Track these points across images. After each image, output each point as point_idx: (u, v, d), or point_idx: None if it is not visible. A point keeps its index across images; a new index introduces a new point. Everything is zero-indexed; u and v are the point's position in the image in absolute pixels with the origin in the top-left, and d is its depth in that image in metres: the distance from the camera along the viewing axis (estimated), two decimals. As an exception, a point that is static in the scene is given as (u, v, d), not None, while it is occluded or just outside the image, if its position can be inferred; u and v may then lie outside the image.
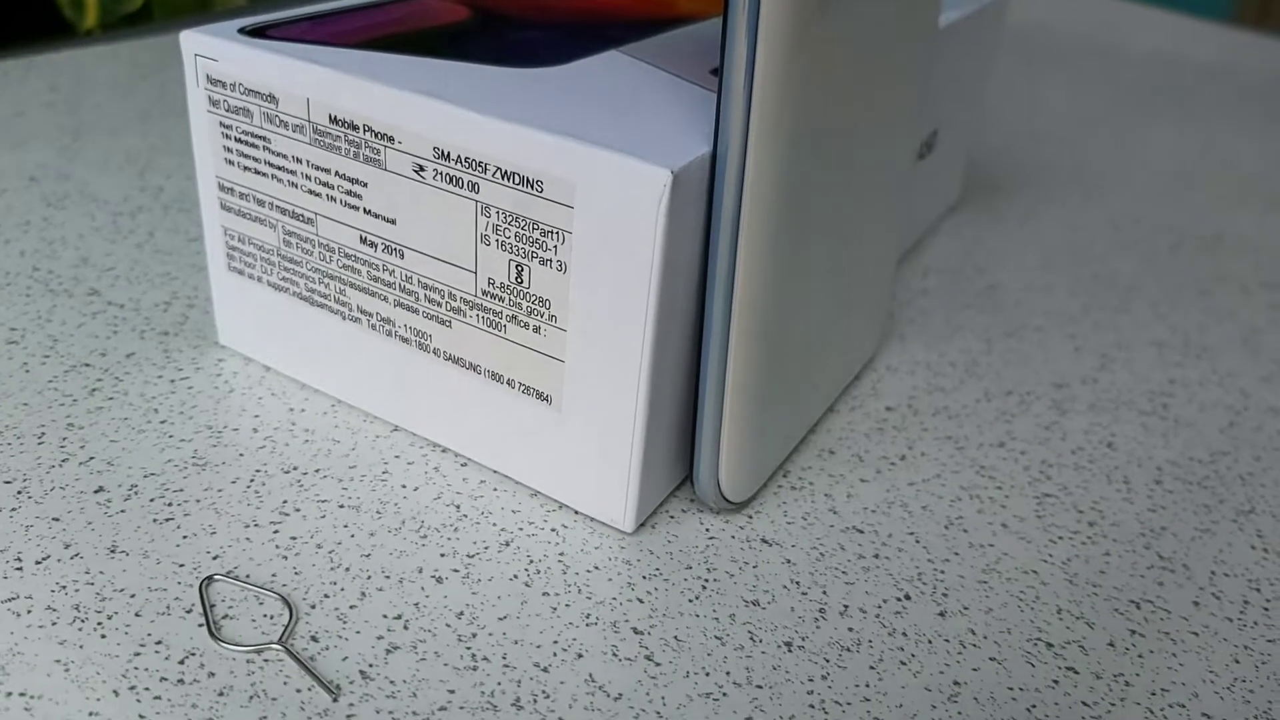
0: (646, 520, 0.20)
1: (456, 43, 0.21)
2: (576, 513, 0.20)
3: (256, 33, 0.21)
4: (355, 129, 0.19)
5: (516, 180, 0.18)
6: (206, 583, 0.18)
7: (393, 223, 0.20)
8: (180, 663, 0.16)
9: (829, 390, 0.23)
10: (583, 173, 0.17)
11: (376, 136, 0.19)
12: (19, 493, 0.19)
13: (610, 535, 0.19)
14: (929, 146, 0.30)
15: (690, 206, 0.17)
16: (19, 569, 0.18)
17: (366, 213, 0.20)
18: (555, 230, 0.18)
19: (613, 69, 0.21)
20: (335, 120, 0.19)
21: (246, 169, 0.21)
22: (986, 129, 0.45)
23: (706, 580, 0.19)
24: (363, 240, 0.20)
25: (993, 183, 0.39)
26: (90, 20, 0.75)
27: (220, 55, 0.20)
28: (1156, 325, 0.29)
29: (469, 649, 0.17)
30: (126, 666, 0.16)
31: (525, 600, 0.18)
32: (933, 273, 0.31)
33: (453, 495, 0.20)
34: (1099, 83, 0.53)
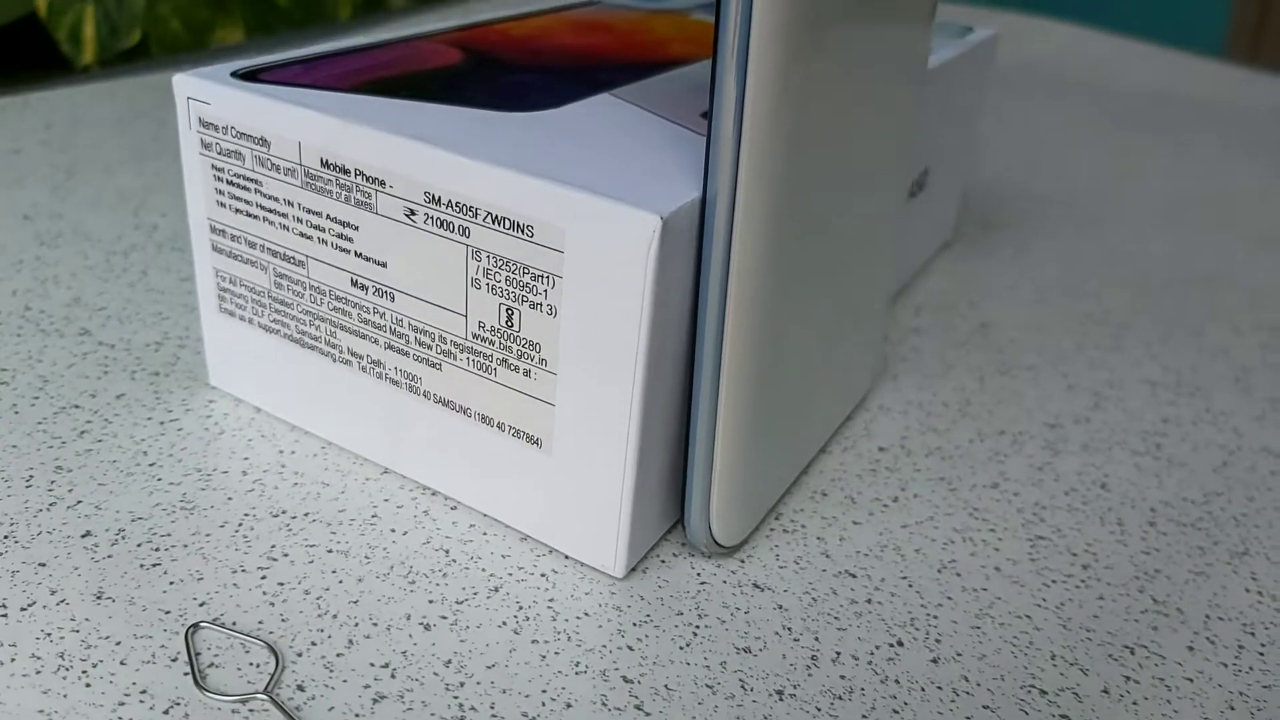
0: (637, 565, 0.20)
1: (448, 86, 0.21)
2: (567, 557, 0.20)
3: (249, 76, 0.21)
4: (346, 173, 0.19)
5: (507, 225, 0.18)
6: (192, 630, 0.17)
7: (383, 266, 0.20)
8: (165, 713, 0.16)
9: (822, 431, 0.23)
10: (572, 218, 0.17)
11: (368, 180, 0.19)
12: (5, 537, 0.19)
13: (601, 580, 0.19)
14: (920, 185, 0.30)
15: (680, 251, 0.17)
16: (4, 616, 0.18)
17: (357, 256, 0.20)
18: (545, 274, 0.18)
19: (604, 112, 0.21)
20: (327, 164, 0.19)
21: (238, 211, 0.21)
22: (980, 165, 0.45)
23: (698, 627, 0.18)
24: (353, 283, 0.20)
25: (986, 219, 0.39)
26: (88, 56, 0.76)
27: (213, 99, 0.21)
28: (1149, 364, 0.29)
29: (456, 698, 0.17)
30: (110, 716, 0.16)
31: (514, 648, 0.18)
32: (926, 310, 0.31)
33: (442, 539, 0.20)
34: (1091, 118, 0.53)
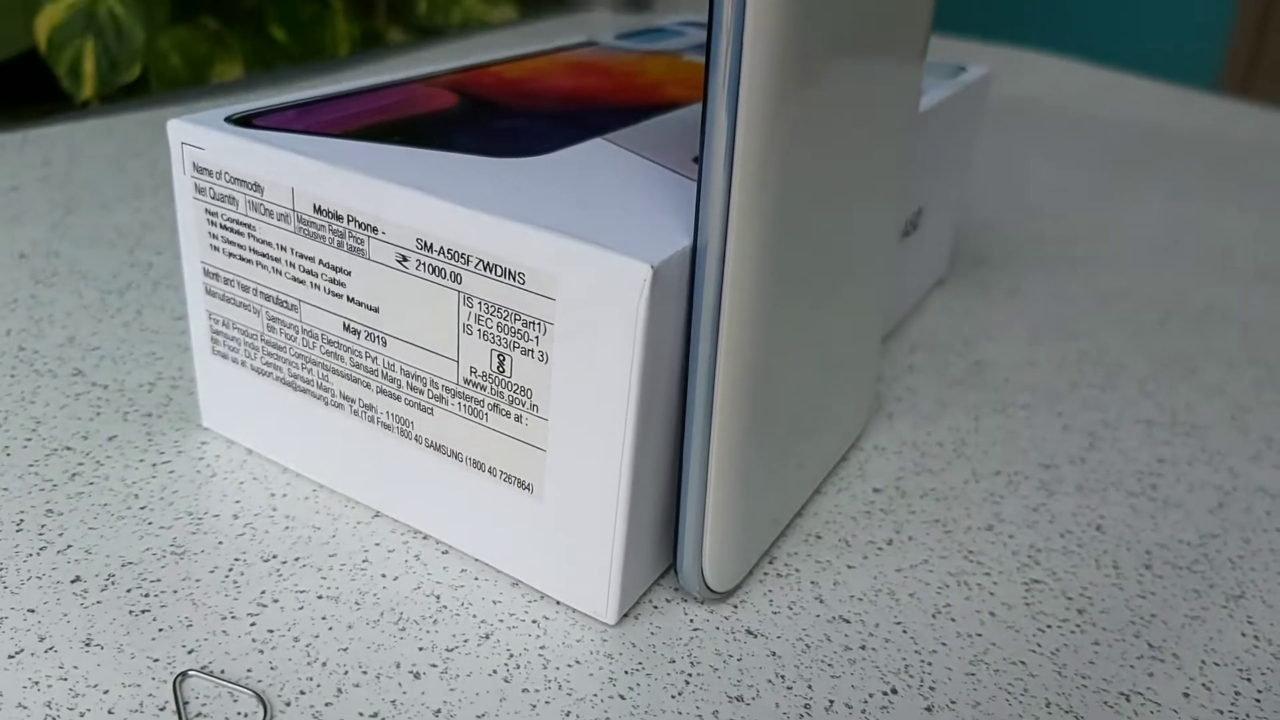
0: (630, 611, 0.20)
1: (442, 131, 0.21)
2: (559, 603, 0.20)
3: (244, 121, 0.21)
4: (339, 219, 0.19)
5: (499, 272, 0.18)
6: (181, 679, 0.17)
7: (376, 311, 0.20)
8: (151, 765, 0.16)
9: (816, 472, 0.23)
10: (564, 266, 0.17)
11: (360, 226, 0.19)
12: (-6, 584, 0.19)
13: (592, 627, 0.19)
14: (914, 225, 0.30)
15: (671, 299, 0.17)
16: (-10, 665, 0.17)
17: (350, 301, 0.20)
18: (537, 321, 0.18)
19: (596, 158, 0.21)
20: (320, 210, 0.19)
21: (231, 255, 0.21)
22: (973, 202, 0.45)
23: (690, 675, 0.18)
24: (346, 328, 0.20)
25: (980, 256, 0.39)
26: (88, 91, 0.76)
27: (207, 144, 0.21)
28: (1144, 403, 0.29)
29: (446, 749, 0.16)
30: (95, 769, 0.16)
31: (504, 697, 0.17)
32: (920, 349, 0.31)
33: (433, 585, 0.20)
34: (1085, 153, 0.54)
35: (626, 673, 0.18)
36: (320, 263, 0.20)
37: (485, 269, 0.18)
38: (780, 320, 0.18)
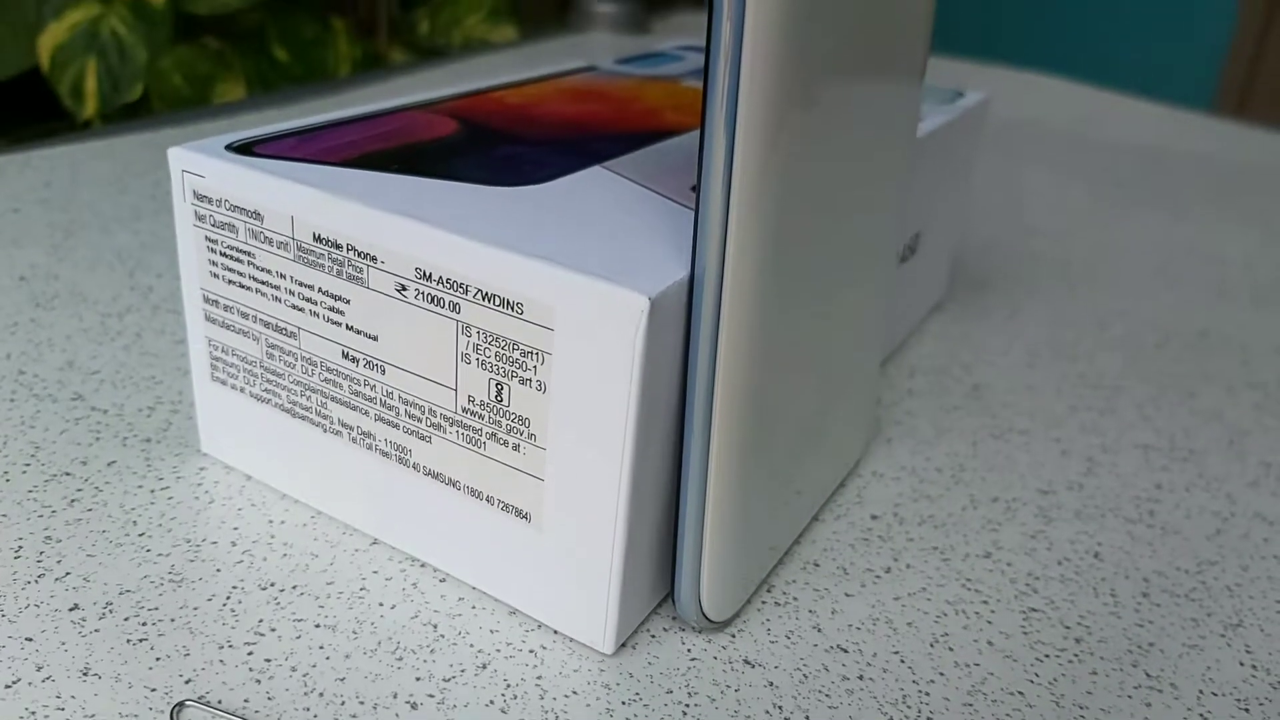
0: (627, 641, 0.20)
1: (442, 159, 0.22)
2: (556, 632, 0.20)
3: (244, 149, 0.21)
4: (339, 248, 0.19)
5: (497, 302, 0.18)
6: (178, 709, 0.17)
7: (374, 339, 0.20)
8: (147, 797, 0.16)
9: (815, 498, 0.23)
10: (562, 296, 0.17)
11: (359, 255, 0.19)
12: (-9, 612, 0.19)
13: (590, 657, 0.19)
14: (912, 249, 0.30)
15: (669, 329, 0.17)
16: (-13, 695, 0.17)
17: (349, 329, 0.20)
18: (535, 351, 0.18)
19: (595, 186, 0.21)
20: (319, 239, 0.20)
21: (231, 282, 0.21)
22: (972, 223, 0.45)
23: (687, 706, 0.18)
24: (344, 355, 0.20)
25: (979, 279, 0.39)
26: (90, 110, 0.76)
27: (207, 172, 0.21)
28: (1142, 427, 0.29)
29: (443, 781, 0.16)
30: (91, 802, 0.16)
31: (502, 728, 0.17)
32: (919, 373, 0.31)
33: (430, 614, 0.20)
34: (1082, 175, 0.54)
35: (624, 703, 0.18)
36: (319, 291, 0.20)
37: (484, 299, 0.18)
38: (778, 348, 0.18)
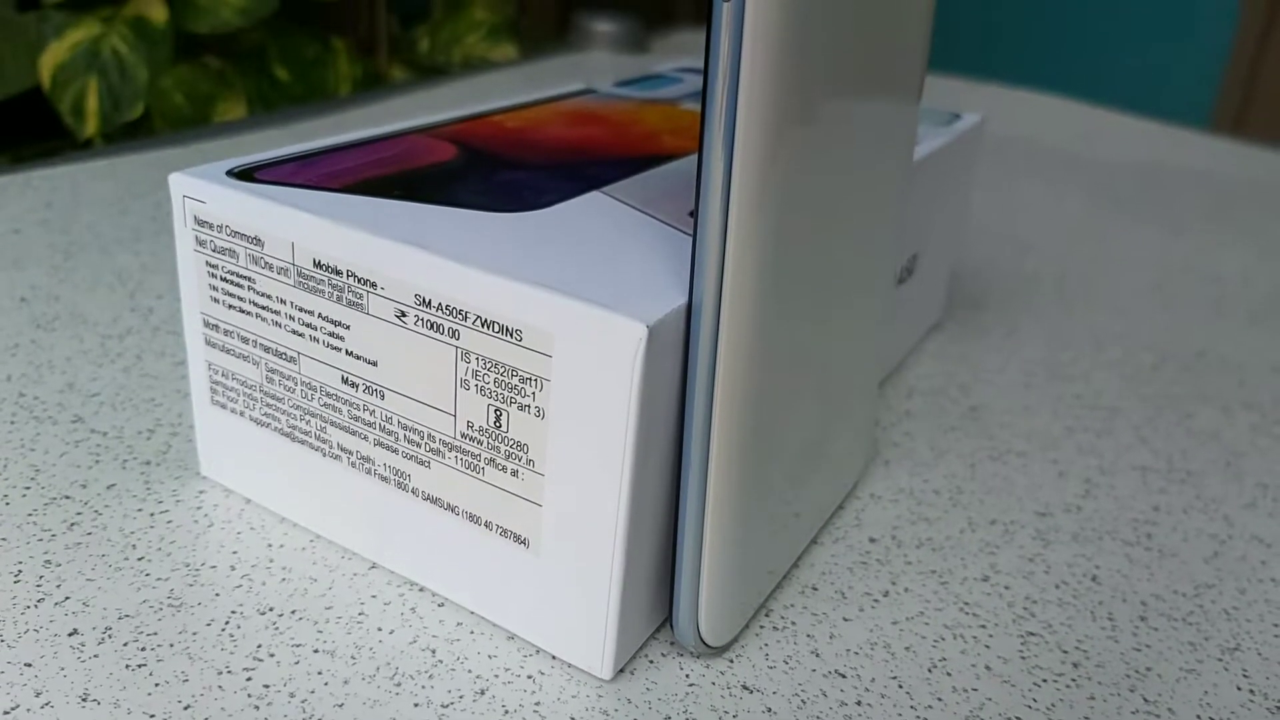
0: (625, 666, 0.20)
1: (441, 185, 0.22)
2: (554, 657, 0.20)
3: (245, 175, 0.21)
4: (339, 274, 0.19)
5: (496, 329, 0.18)
6: (176, 736, 0.17)
7: (374, 364, 0.20)
8: (145, 825, 0.16)
9: (813, 523, 0.23)
10: (560, 324, 0.17)
11: (359, 282, 0.19)
12: (-10, 637, 0.19)
13: (588, 682, 0.19)
14: (909, 270, 0.30)
15: (667, 356, 0.17)
16: (-15, 722, 0.17)
17: (348, 354, 0.20)
18: (534, 377, 0.18)
19: (594, 212, 0.21)
20: (319, 265, 0.20)
21: (231, 307, 0.21)
22: (969, 243, 0.45)
23: (685, 731, 0.18)
24: (344, 380, 0.20)
25: (976, 298, 0.39)
26: (90, 128, 0.77)
27: (208, 198, 0.21)
28: (1139, 448, 0.29)
29: (441, 808, 0.16)
30: (90, 830, 0.16)
31: (500, 754, 0.17)
32: (917, 394, 0.31)
33: (429, 639, 0.20)
34: (1080, 193, 0.54)
35: (622, 729, 0.18)
36: (319, 316, 0.20)
37: (483, 325, 0.18)
38: (777, 372, 0.18)
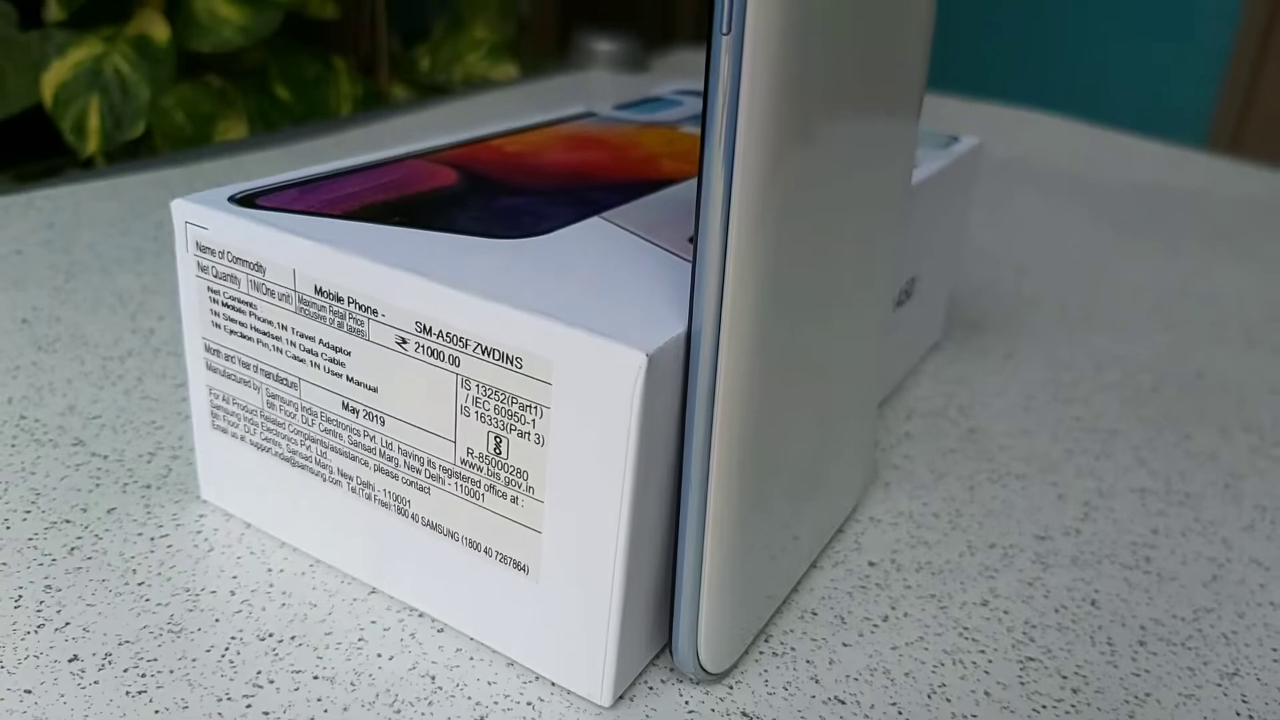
0: (625, 693, 0.20)
1: (442, 211, 0.22)
2: (554, 684, 0.20)
3: (246, 201, 0.22)
4: (340, 300, 0.20)
5: (496, 356, 0.18)
6: (175, 763, 0.17)
7: (374, 391, 0.20)
8: None
9: (813, 545, 0.23)
10: (560, 352, 0.17)
11: (360, 309, 0.19)
12: (-10, 664, 0.19)
13: (587, 709, 0.19)
14: (907, 293, 0.31)
15: (667, 384, 0.17)
16: (-15, 749, 0.17)
17: (349, 380, 0.20)
18: (534, 404, 0.18)
19: (594, 238, 0.21)
20: (320, 291, 0.20)
21: (232, 332, 0.21)
22: (967, 263, 0.46)
23: (684, 758, 0.18)
24: (344, 406, 0.20)
25: (974, 319, 0.39)
26: (92, 146, 0.77)
27: (210, 224, 0.21)
28: (1138, 471, 0.29)
29: (440, 837, 0.16)
30: None
31: (499, 782, 0.17)
32: (916, 416, 0.31)
33: (428, 665, 0.20)
34: (1078, 213, 0.54)
35: (621, 757, 0.18)
36: (320, 342, 0.20)
37: (483, 353, 0.18)
38: (776, 398, 0.18)
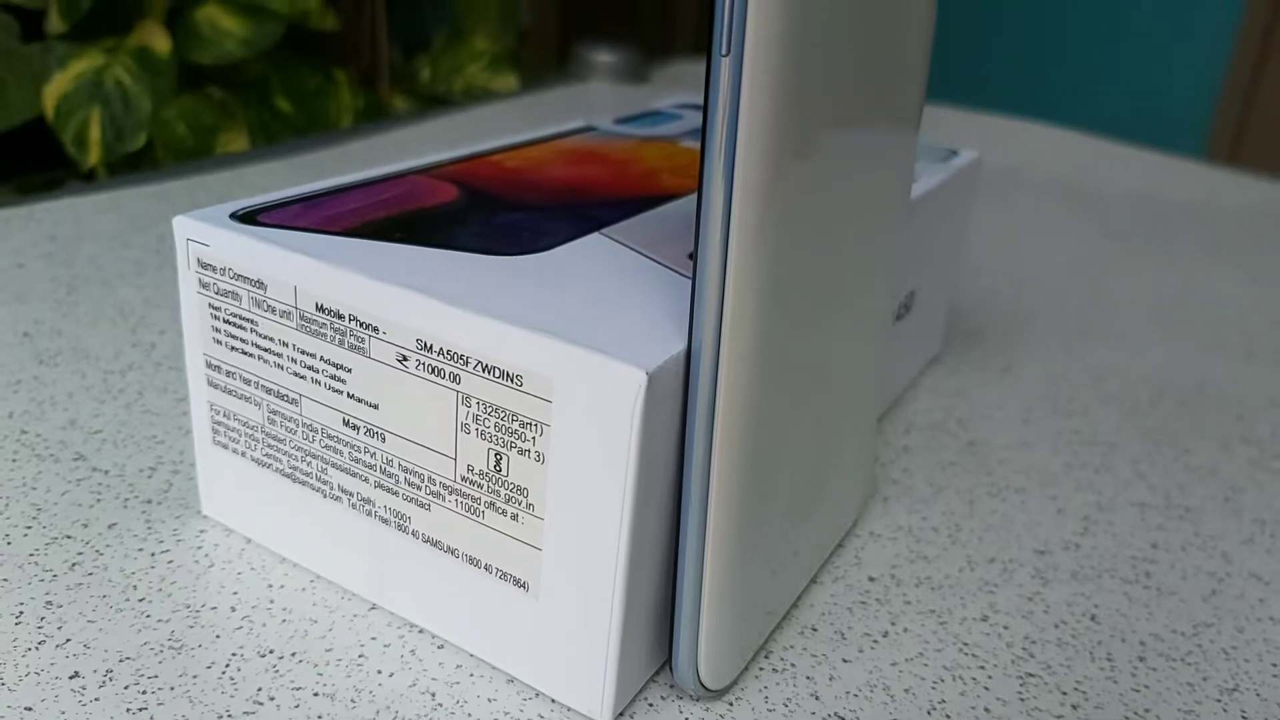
0: (625, 709, 0.20)
1: (442, 228, 0.22)
2: (554, 701, 0.20)
3: (248, 217, 0.22)
4: (341, 318, 0.20)
5: (497, 374, 0.18)
6: (176, 781, 0.17)
7: (375, 407, 0.20)
8: None
9: (813, 560, 0.23)
10: (560, 369, 0.17)
11: (361, 326, 0.19)
12: (-9, 680, 0.19)
13: (588, 726, 0.19)
14: (907, 307, 0.31)
15: (666, 401, 0.17)
16: (-14, 767, 0.17)
17: (350, 397, 0.20)
18: (534, 422, 0.18)
19: (593, 254, 0.21)
20: (321, 308, 0.20)
21: (234, 349, 0.22)
22: (965, 275, 0.46)
23: (684, 776, 0.18)
24: (345, 423, 0.20)
25: (973, 331, 0.39)
26: (93, 158, 0.77)
27: (212, 241, 0.21)
28: (1138, 484, 0.29)
29: None
30: None
31: (499, 800, 0.18)
32: (915, 429, 0.31)
33: (428, 681, 0.20)
34: (1077, 224, 0.54)
35: (621, 774, 0.18)
36: (321, 359, 0.20)
37: (484, 370, 0.18)
38: (776, 415, 0.19)
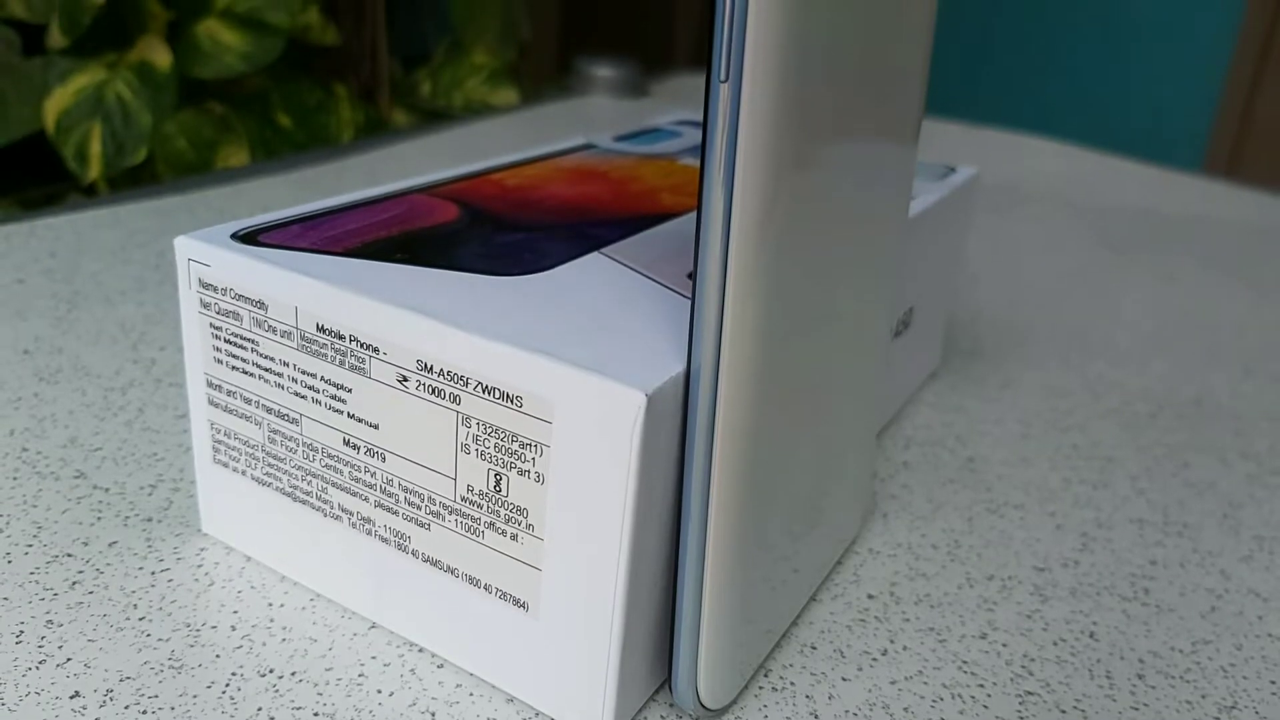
0: (624, 728, 0.20)
1: (443, 248, 0.22)
2: (554, 720, 0.20)
3: (249, 237, 0.22)
4: (341, 338, 0.20)
5: (497, 395, 0.18)
6: (176, 802, 0.17)
7: (375, 427, 0.20)
8: None
9: (813, 578, 0.23)
10: (560, 391, 0.17)
11: (362, 346, 0.19)
12: (-8, 701, 0.19)
13: (587, 746, 0.19)
14: (905, 324, 0.31)
15: (666, 422, 0.18)
16: (-14, 788, 0.17)
17: (350, 417, 0.20)
18: (534, 443, 0.18)
19: (593, 274, 0.21)
20: (322, 329, 0.20)
21: (234, 368, 0.22)
22: (963, 290, 0.46)
23: (684, 796, 0.18)
24: (345, 442, 0.20)
25: (971, 346, 0.39)
26: (94, 172, 0.77)
27: (213, 261, 0.21)
28: (1136, 500, 0.30)
29: None
30: None
31: (499, 821, 0.18)
32: (914, 445, 0.31)
33: (428, 701, 0.20)
34: (1075, 238, 0.54)
35: (621, 794, 0.18)
36: (322, 379, 0.20)
37: (484, 391, 0.18)
38: (775, 435, 0.19)
